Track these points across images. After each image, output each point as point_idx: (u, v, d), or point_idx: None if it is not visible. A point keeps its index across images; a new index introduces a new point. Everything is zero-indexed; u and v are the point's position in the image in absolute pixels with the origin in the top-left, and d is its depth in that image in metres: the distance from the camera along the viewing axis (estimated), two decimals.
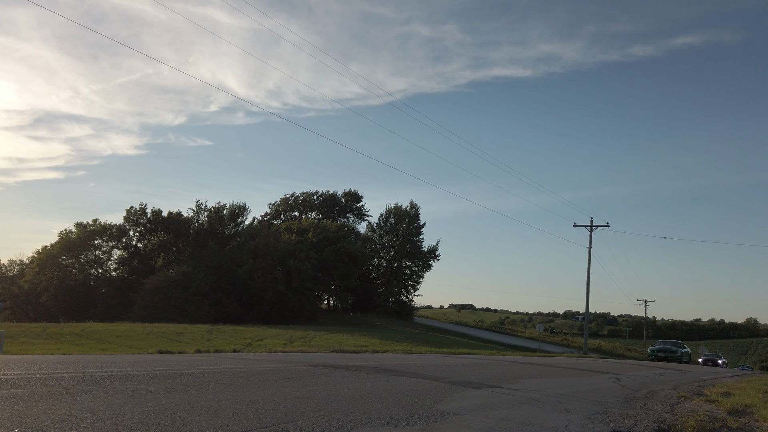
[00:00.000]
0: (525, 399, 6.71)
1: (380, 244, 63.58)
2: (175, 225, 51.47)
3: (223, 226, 53.73)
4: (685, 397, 8.42)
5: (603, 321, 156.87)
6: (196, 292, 42.21)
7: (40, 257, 48.34)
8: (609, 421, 5.52)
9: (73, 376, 6.06)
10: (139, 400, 4.71)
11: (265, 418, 4.36)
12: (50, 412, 4.04)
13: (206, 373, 7.10)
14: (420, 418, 4.88)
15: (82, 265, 50.11)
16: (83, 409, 4.19)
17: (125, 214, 51.51)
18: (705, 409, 6.95)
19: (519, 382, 8.75)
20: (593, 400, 7.12)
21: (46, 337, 23.17)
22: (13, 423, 3.66)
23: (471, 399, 6.42)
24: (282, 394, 5.61)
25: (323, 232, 51.17)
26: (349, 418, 4.60)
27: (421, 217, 64.09)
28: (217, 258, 46.95)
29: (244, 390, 5.74)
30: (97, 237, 50.52)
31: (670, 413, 6.44)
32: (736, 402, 7.60)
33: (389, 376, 8.17)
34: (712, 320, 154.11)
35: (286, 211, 64.39)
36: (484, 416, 5.27)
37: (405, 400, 5.79)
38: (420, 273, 63.98)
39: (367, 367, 9.46)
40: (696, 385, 11.12)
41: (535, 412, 5.76)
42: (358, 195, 67.09)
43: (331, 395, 5.79)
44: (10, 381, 5.35)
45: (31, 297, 47.24)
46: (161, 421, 3.99)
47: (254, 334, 26.67)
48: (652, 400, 7.63)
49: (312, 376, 7.41)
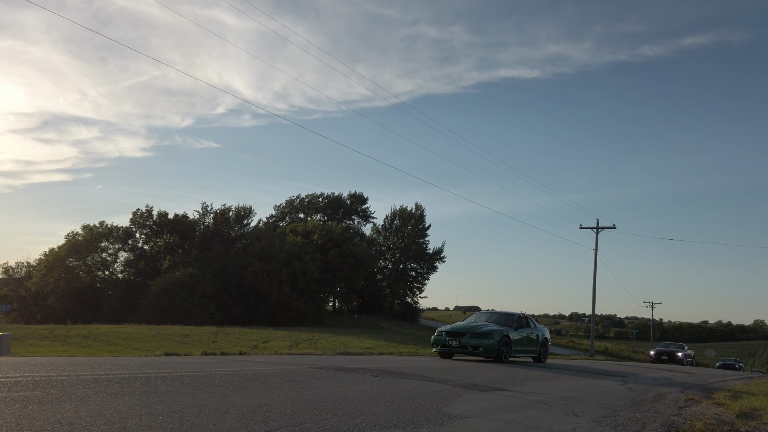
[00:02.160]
0: (532, 402, 6.70)
1: (385, 245, 63.56)
2: (181, 227, 51.63)
3: (229, 228, 53.84)
4: (693, 400, 8.38)
5: (609, 323, 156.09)
6: (201, 294, 42.33)
7: (47, 259, 48.60)
8: (616, 425, 5.50)
9: (81, 378, 6.09)
10: (147, 403, 4.73)
11: (273, 420, 4.37)
12: (59, 414, 4.06)
13: (213, 375, 7.12)
14: (427, 420, 4.87)
15: (88, 267, 50.36)
16: (92, 412, 4.21)
17: (132, 216, 51.78)
18: (713, 413, 6.91)
19: (526, 385, 8.72)
20: (600, 403, 7.09)
21: (53, 339, 23.29)
22: (23, 425, 3.68)
23: (478, 402, 6.41)
24: (289, 397, 5.61)
25: (329, 234, 51.23)
26: (357, 420, 4.60)
27: (426, 219, 64.11)
28: (222, 260, 47.06)
29: (251, 392, 5.75)
30: (104, 239, 50.77)
31: (678, 416, 6.41)
32: (744, 405, 7.55)
33: (395, 378, 8.16)
34: (719, 322, 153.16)
35: (292, 213, 64.51)
36: (492, 419, 5.27)
37: (412, 403, 5.79)
38: (425, 275, 63.92)
39: (373, 369, 9.46)
40: (704, 388, 11.07)
41: (543, 415, 5.74)
42: (363, 197, 67.16)
43: (337, 398, 5.80)
44: (19, 383, 5.38)
45: (38, 299, 47.49)
46: (169, 423, 4.01)
47: (260, 337, 26.72)
48: (659, 403, 7.60)
49: (318, 379, 7.42)
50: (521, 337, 15.70)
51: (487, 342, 14.23)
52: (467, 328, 14.83)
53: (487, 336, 14.36)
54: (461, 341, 14.44)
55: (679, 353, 31.85)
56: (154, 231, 52.21)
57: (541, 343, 16.80)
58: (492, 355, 14.26)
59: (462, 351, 14.59)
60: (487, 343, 14.22)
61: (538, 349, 16.65)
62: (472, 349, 14.32)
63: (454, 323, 16.71)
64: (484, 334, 14.42)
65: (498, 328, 14.88)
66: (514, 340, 15.12)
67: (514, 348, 15.09)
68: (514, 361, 15.62)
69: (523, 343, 15.85)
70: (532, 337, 16.44)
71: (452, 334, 14.76)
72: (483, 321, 15.97)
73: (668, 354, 32.07)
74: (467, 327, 15.00)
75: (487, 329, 14.65)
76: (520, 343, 15.66)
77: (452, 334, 14.73)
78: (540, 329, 17.18)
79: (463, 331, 14.68)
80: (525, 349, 16.02)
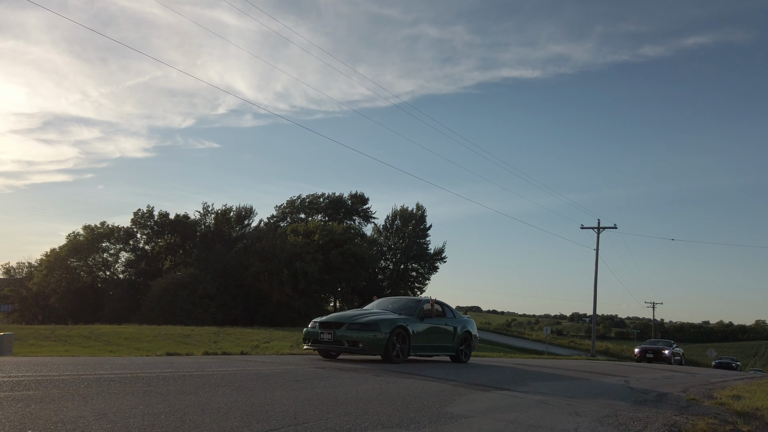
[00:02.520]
0: (534, 402, 6.70)
1: (386, 246, 63.60)
2: (182, 227, 51.71)
3: (230, 228, 53.91)
4: (695, 399, 8.37)
5: (611, 323, 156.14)
6: (203, 294, 42.38)
7: (49, 260, 48.69)
8: (618, 424, 5.50)
9: (84, 378, 6.10)
10: (149, 402, 4.73)
11: (275, 420, 4.37)
12: (62, 413, 4.07)
13: (215, 375, 7.12)
14: (429, 420, 4.87)
15: (90, 267, 50.44)
16: (94, 411, 4.22)
17: (133, 216, 51.92)
18: (715, 412, 6.91)
19: (528, 385, 8.72)
20: (602, 403, 7.09)
21: (54, 339, 23.32)
22: (26, 424, 3.69)
23: (480, 401, 6.41)
24: (291, 396, 5.62)
25: (329, 234, 51.25)
26: (359, 420, 4.60)
27: (427, 219, 64.19)
28: (223, 260, 47.11)
29: (252, 392, 5.75)
30: (105, 239, 50.86)
31: (680, 416, 6.41)
32: (746, 405, 7.55)
33: (397, 378, 8.16)
34: (720, 322, 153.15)
35: (293, 214, 64.55)
36: (494, 419, 5.27)
37: (414, 403, 5.79)
38: (426, 275, 63.98)
39: (375, 369, 9.46)
40: (705, 388, 11.06)
41: (545, 415, 5.74)
42: (364, 197, 67.23)
43: (339, 397, 5.80)
44: (21, 383, 5.39)
45: (39, 299, 47.58)
46: (172, 422, 4.01)
47: (261, 337, 26.74)
48: (661, 403, 7.59)
49: (320, 378, 7.42)
50: (427, 329, 12.11)
51: (371, 336, 10.70)
52: (346, 318, 11.33)
53: (371, 328, 10.82)
54: (336, 334, 10.88)
55: (666, 351, 29.22)
56: (156, 231, 52.27)
57: (461, 338, 13.21)
58: (378, 352, 10.86)
59: (337, 348, 10.98)
60: (369, 336, 10.69)
61: (456, 345, 13.02)
62: (349, 345, 10.76)
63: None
64: (367, 326, 10.87)
65: (390, 317, 11.45)
66: (415, 333, 11.56)
67: (415, 343, 11.61)
68: (422, 360, 12.96)
69: (431, 337, 12.26)
70: (446, 329, 12.79)
71: (327, 325, 11.16)
72: (382, 309, 12.53)
73: (654, 351, 29.29)
74: (347, 316, 11.51)
75: (373, 319, 11.11)
76: (426, 336, 12.04)
77: (327, 326, 11.14)
78: (461, 320, 13.61)
79: (339, 322, 11.15)
80: (434, 345, 12.47)
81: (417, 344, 11.73)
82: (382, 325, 10.96)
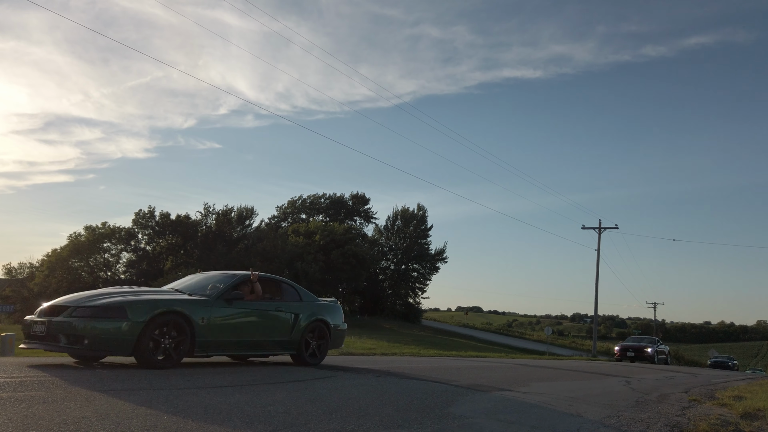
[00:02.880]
0: (535, 402, 6.70)
1: (387, 246, 63.66)
2: (184, 228, 51.71)
3: (231, 228, 53.90)
4: (697, 400, 8.37)
5: (612, 323, 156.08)
6: None
7: (50, 260, 48.74)
8: (620, 425, 5.50)
9: (86, 378, 6.10)
10: (151, 403, 4.74)
11: (277, 421, 4.38)
12: (65, 414, 4.08)
13: (216, 375, 7.13)
14: (431, 421, 4.88)
15: (91, 267, 50.47)
16: (97, 412, 4.23)
17: (134, 217, 51.92)
18: (717, 413, 6.91)
19: (529, 386, 8.73)
20: (604, 404, 7.09)
21: None
22: (29, 425, 3.70)
23: (481, 402, 6.42)
24: (292, 398, 5.62)
25: (330, 234, 51.27)
26: (361, 421, 4.61)
27: (428, 220, 64.27)
28: (224, 261, 47.10)
29: (254, 393, 5.76)
30: (106, 240, 50.88)
31: (681, 417, 6.41)
32: (748, 405, 7.54)
33: (399, 379, 8.17)
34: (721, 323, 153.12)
35: (294, 214, 64.57)
36: (495, 419, 5.27)
37: (415, 403, 5.79)
38: (427, 275, 64.04)
39: (376, 370, 9.47)
40: (707, 389, 11.05)
41: (546, 416, 5.75)
42: (365, 197, 67.23)
43: (341, 398, 5.81)
44: (24, 383, 5.40)
45: (40, 300, 47.58)
46: (174, 423, 4.02)
47: None
48: (663, 404, 7.59)
49: (321, 379, 7.43)
50: (236, 316, 8.26)
51: (109, 326, 6.90)
52: (74, 301, 7.45)
53: (111, 313, 7.00)
54: (52, 325, 7.11)
55: (649, 349, 26.61)
56: (157, 232, 52.30)
57: (308, 329, 9.18)
58: (124, 351, 7.07)
59: (52, 345, 7.11)
60: (106, 328, 6.89)
61: (296, 338, 9.00)
62: (67, 342, 6.96)
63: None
64: (105, 311, 7.03)
65: (155, 297, 7.66)
66: (206, 323, 7.70)
67: (207, 338, 7.72)
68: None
69: (244, 327, 8.41)
70: (276, 316, 8.87)
71: (47, 311, 7.42)
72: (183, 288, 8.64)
73: (635, 350, 26.63)
74: (78, 298, 7.58)
75: (117, 300, 7.22)
76: (233, 327, 8.20)
77: (46, 313, 7.40)
78: (311, 304, 9.54)
79: (64, 305, 7.34)
80: (250, 341, 8.51)
81: (211, 338, 7.80)
82: (133, 308, 7.07)
